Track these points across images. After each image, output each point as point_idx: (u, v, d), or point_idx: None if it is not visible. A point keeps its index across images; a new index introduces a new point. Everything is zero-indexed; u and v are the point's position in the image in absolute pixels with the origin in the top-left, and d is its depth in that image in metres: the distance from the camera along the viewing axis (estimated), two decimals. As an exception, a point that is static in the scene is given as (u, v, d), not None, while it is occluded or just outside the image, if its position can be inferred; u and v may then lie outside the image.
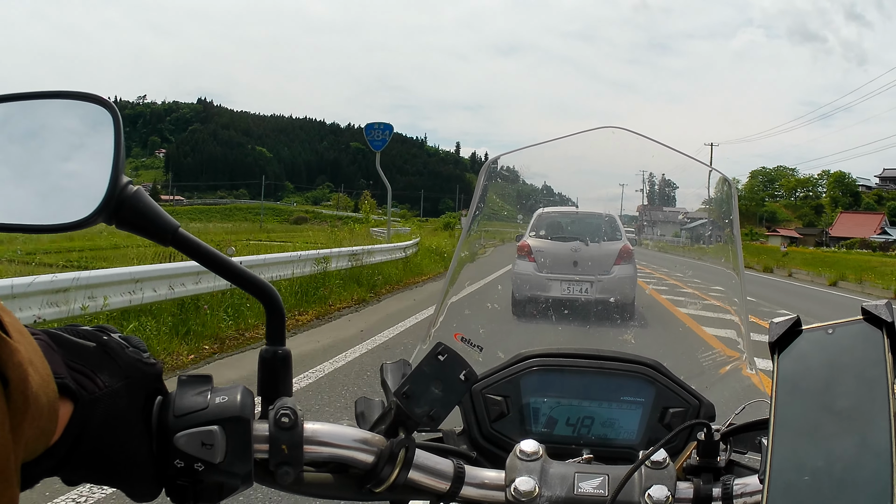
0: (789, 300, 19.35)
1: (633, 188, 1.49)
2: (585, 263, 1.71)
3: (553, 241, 1.88)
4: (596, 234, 1.80)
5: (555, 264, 1.82)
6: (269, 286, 0.74)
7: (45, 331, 0.60)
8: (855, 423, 0.61)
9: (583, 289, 1.51)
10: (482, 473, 0.79)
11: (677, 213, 1.41)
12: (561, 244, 1.82)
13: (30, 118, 0.71)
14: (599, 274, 1.71)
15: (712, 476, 0.81)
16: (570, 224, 1.80)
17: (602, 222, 1.80)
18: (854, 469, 0.58)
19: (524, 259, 1.93)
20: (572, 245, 1.78)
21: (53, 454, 0.57)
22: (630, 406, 0.95)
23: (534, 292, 1.61)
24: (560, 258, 1.79)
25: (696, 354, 1.13)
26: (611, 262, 1.90)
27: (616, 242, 1.93)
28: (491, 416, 0.94)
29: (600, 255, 1.86)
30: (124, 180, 0.67)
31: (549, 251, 1.87)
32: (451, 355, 0.73)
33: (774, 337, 0.69)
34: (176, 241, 0.70)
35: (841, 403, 0.62)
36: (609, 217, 1.78)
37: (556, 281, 1.63)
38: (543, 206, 1.53)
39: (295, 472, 0.68)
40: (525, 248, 1.91)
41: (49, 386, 0.53)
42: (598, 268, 1.75)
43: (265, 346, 0.74)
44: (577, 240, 1.79)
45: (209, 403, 0.65)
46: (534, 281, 1.77)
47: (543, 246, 1.88)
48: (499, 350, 1.03)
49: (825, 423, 0.62)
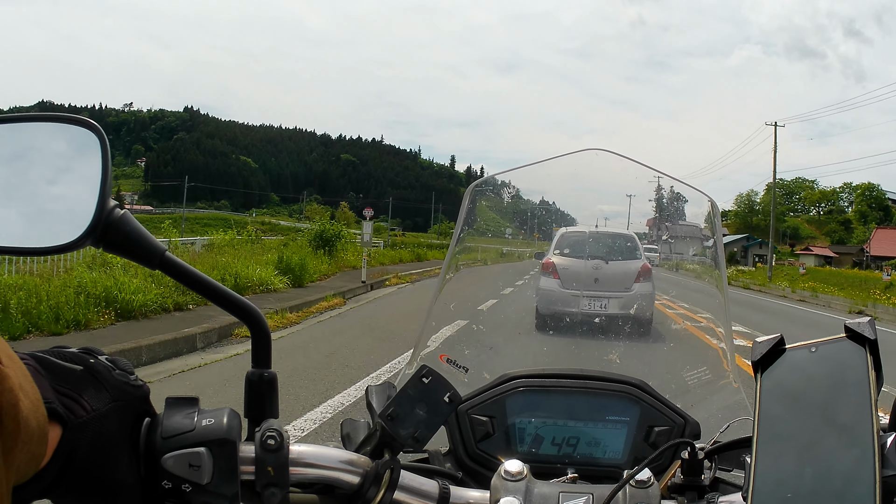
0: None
1: (621, 206, 1.50)
2: (606, 281, 1.76)
3: (575, 259, 1.92)
4: (616, 253, 1.87)
5: (577, 281, 1.84)
6: (255, 309, 0.75)
7: (33, 355, 0.60)
8: (839, 439, 0.61)
9: (603, 305, 1.54)
10: (467, 493, 0.79)
11: (695, 227, 1.43)
12: (582, 262, 1.86)
13: (17, 141, 0.71)
14: (621, 291, 1.76)
15: (696, 494, 0.81)
16: (591, 243, 1.83)
17: (622, 242, 1.87)
18: (838, 485, 0.59)
19: (549, 276, 2.01)
20: (594, 263, 1.82)
21: (43, 478, 0.57)
22: (615, 425, 0.95)
23: (558, 308, 1.64)
24: (582, 275, 1.81)
25: (682, 373, 1.13)
26: (631, 279, 1.98)
27: (636, 261, 2.01)
28: (476, 436, 0.94)
29: (621, 273, 1.92)
30: (111, 204, 0.67)
31: (572, 269, 1.92)
32: (436, 377, 0.74)
33: (758, 356, 0.69)
34: (163, 264, 0.71)
35: (824, 420, 0.63)
36: (628, 236, 1.85)
37: (579, 297, 1.66)
38: (535, 225, 1.56)
39: (281, 493, 0.68)
40: (549, 266, 2.00)
41: (39, 410, 0.53)
42: (619, 285, 1.80)
43: (251, 368, 0.74)
44: (599, 258, 1.84)
45: (196, 425, 0.66)
46: (558, 297, 1.83)
47: (567, 263, 1.93)
48: (484, 371, 1.04)
49: (808, 439, 0.62)
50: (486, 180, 1.21)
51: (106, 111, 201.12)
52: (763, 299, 26.66)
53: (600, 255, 1.84)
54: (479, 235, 1.21)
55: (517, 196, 1.34)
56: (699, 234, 1.33)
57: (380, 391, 0.80)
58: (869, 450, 0.59)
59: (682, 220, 1.40)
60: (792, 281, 38.67)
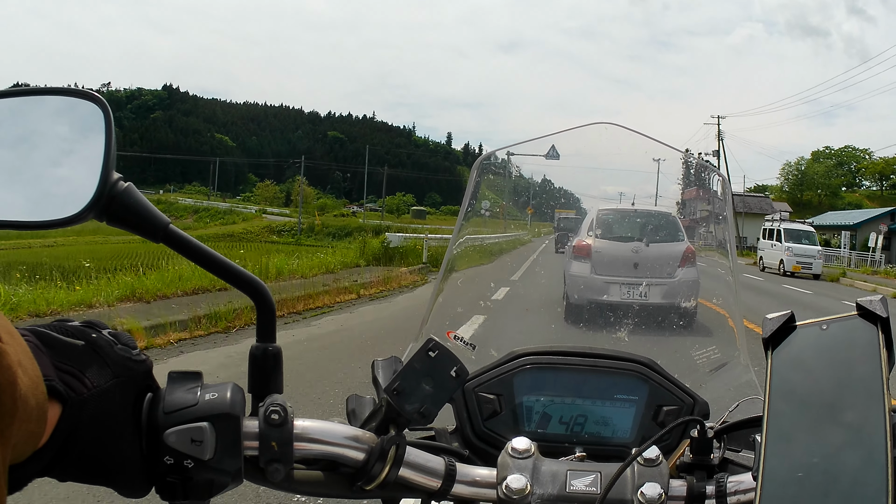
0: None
1: (630, 183, 1.46)
2: (647, 266, 1.58)
3: (611, 241, 1.76)
4: (656, 234, 1.68)
5: (613, 266, 1.69)
6: (260, 283, 0.74)
7: (33, 329, 0.60)
8: (849, 418, 0.60)
9: (642, 293, 1.38)
10: (474, 471, 0.79)
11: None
12: (620, 244, 1.71)
13: (20, 115, 0.70)
14: (663, 277, 1.57)
15: (706, 474, 0.80)
16: (628, 223, 1.69)
17: (661, 221, 1.69)
18: (849, 465, 0.58)
19: (581, 260, 1.79)
20: (632, 246, 1.66)
21: (42, 456, 0.57)
22: (624, 404, 0.95)
23: (590, 296, 1.51)
24: (619, 260, 1.66)
25: (691, 352, 1.12)
26: (675, 264, 1.72)
27: (679, 243, 1.74)
28: (483, 414, 0.94)
29: (663, 257, 1.69)
30: (115, 176, 0.67)
31: (608, 252, 1.75)
32: (442, 352, 0.73)
33: (768, 333, 0.68)
34: (167, 237, 0.70)
35: (835, 399, 0.62)
36: (668, 215, 1.67)
37: (616, 284, 1.51)
38: (542, 202, 1.48)
39: (285, 469, 0.68)
40: (584, 249, 1.79)
41: (38, 388, 0.53)
42: (661, 270, 1.60)
43: (255, 342, 0.74)
44: (637, 240, 1.67)
45: (199, 400, 0.65)
46: (591, 284, 1.65)
47: (601, 246, 1.76)
48: (492, 348, 1.03)
49: (819, 419, 0.62)
50: (493, 155, 1.19)
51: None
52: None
53: (639, 237, 1.66)
54: (486, 212, 1.20)
55: (524, 171, 1.32)
56: (710, 212, 1.29)
57: (386, 365, 0.79)
58: (881, 429, 0.59)
59: (694, 196, 1.35)
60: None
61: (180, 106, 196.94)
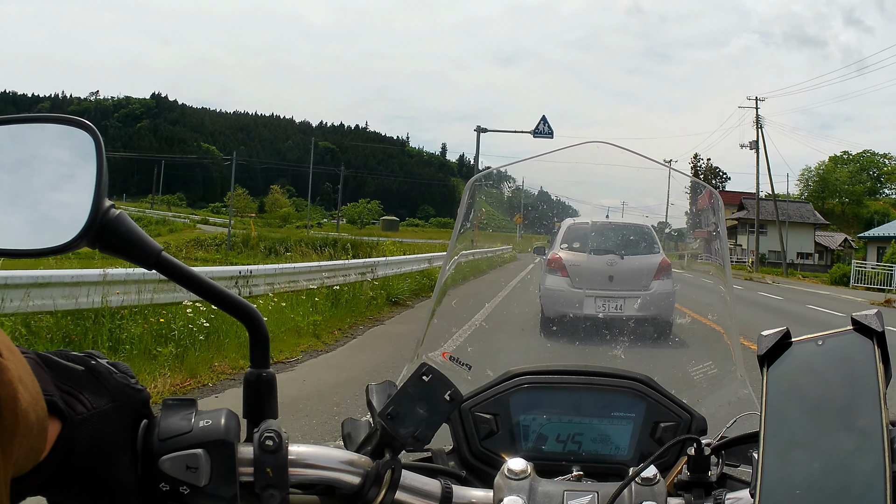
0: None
1: (625, 199, 1.47)
2: (622, 278, 1.58)
3: (586, 254, 1.74)
4: (632, 247, 1.68)
5: (588, 279, 1.66)
6: (254, 309, 0.74)
7: (35, 352, 0.61)
8: (846, 433, 0.60)
9: (618, 306, 1.38)
10: (470, 493, 0.79)
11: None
12: (595, 257, 1.69)
13: (11, 142, 0.70)
14: (638, 289, 1.58)
15: (703, 491, 0.80)
16: (602, 235, 1.67)
17: (636, 233, 1.69)
18: (847, 480, 0.58)
19: (556, 274, 1.80)
20: (607, 259, 1.66)
21: (41, 472, 0.57)
22: (621, 421, 0.95)
23: (566, 310, 1.48)
24: (594, 272, 1.63)
25: (687, 368, 1.12)
26: (649, 276, 1.73)
27: (654, 255, 1.78)
28: (480, 434, 0.94)
29: (638, 270, 1.72)
30: (106, 204, 0.67)
31: (583, 265, 1.73)
32: (436, 375, 0.73)
33: (764, 349, 0.68)
34: (159, 264, 0.70)
35: (832, 414, 0.62)
36: (643, 227, 1.68)
37: (591, 298, 1.50)
38: (537, 218, 1.47)
39: (281, 494, 0.67)
40: (557, 262, 1.79)
41: (38, 404, 0.54)
42: (636, 283, 1.62)
43: (249, 369, 0.74)
44: (612, 252, 1.67)
45: (193, 427, 0.65)
46: (567, 297, 1.64)
47: (576, 259, 1.75)
48: (488, 368, 1.03)
49: (816, 434, 0.61)
50: (487, 174, 1.19)
51: (70, 100, 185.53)
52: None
53: (614, 250, 1.65)
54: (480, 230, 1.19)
55: (517, 190, 1.31)
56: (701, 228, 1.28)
57: (380, 390, 0.79)
58: (878, 444, 0.59)
59: (685, 212, 1.35)
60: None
61: (168, 115, 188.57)
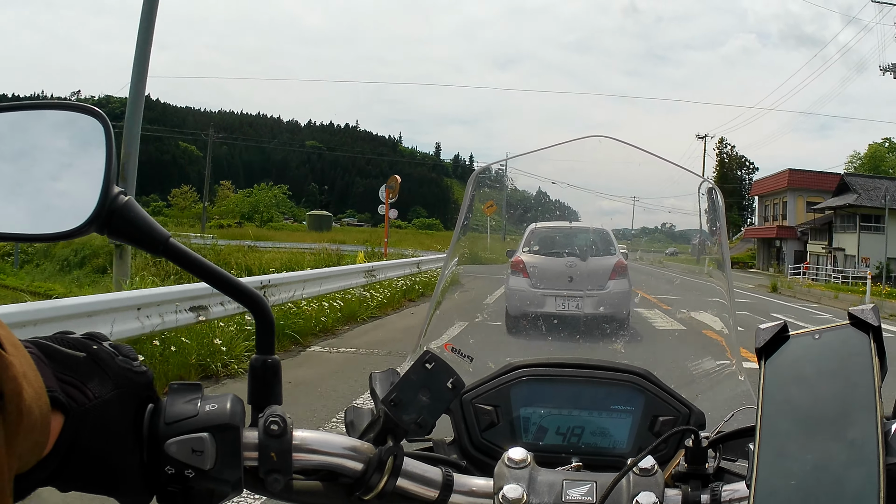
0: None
1: (625, 196, 1.48)
2: (581, 279, 1.67)
3: (547, 256, 1.85)
4: (590, 249, 1.75)
5: (549, 280, 1.78)
6: (260, 297, 0.75)
7: (35, 342, 0.61)
8: (842, 427, 0.61)
9: (577, 304, 1.48)
10: (470, 481, 0.79)
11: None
12: (555, 259, 1.79)
13: (22, 129, 0.71)
14: (594, 289, 1.67)
15: (700, 483, 0.81)
16: (564, 239, 1.76)
17: (595, 237, 1.78)
18: (841, 473, 0.59)
19: (518, 275, 1.91)
20: (567, 261, 1.75)
21: (45, 466, 0.58)
22: (620, 415, 0.95)
23: (528, 308, 1.58)
24: (555, 274, 1.75)
25: (687, 363, 1.13)
26: (606, 277, 1.86)
27: (610, 257, 1.90)
28: (481, 425, 0.95)
29: (595, 270, 1.80)
30: (116, 190, 0.68)
31: (544, 267, 1.85)
32: (439, 363, 0.74)
33: (761, 343, 0.68)
34: (167, 251, 0.71)
35: (828, 408, 0.62)
36: (602, 231, 1.77)
37: (551, 297, 1.60)
38: (537, 216, 1.52)
39: (284, 479, 0.68)
40: (519, 264, 1.90)
41: (42, 399, 0.54)
42: (594, 283, 1.71)
43: (255, 355, 0.75)
44: (572, 255, 1.75)
45: (199, 411, 0.66)
46: (528, 297, 1.75)
47: (537, 262, 1.86)
48: (489, 360, 1.04)
49: (812, 427, 0.62)
50: (489, 168, 1.20)
51: (50, 100, 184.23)
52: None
53: (575, 252, 1.74)
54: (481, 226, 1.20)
55: (519, 185, 1.33)
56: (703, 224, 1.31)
57: (383, 377, 0.80)
58: (873, 437, 0.59)
59: (688, 210, 1.37)
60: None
61: (147, 113, 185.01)
